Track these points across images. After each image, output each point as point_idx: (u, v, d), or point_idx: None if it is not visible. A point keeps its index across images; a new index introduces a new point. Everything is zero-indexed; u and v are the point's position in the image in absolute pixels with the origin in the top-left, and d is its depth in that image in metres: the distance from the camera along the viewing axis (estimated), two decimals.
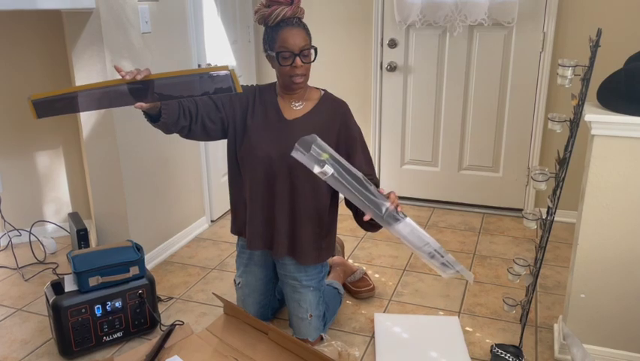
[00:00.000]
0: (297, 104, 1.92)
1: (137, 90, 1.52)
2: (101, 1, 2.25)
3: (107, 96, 1.53)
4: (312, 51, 1.83)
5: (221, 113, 1.88)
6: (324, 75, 3.33)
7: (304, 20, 1.86)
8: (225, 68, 1.46)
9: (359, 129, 1.95)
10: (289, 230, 1.93)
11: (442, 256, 1.69)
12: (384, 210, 1.63)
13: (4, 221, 2.91)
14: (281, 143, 1.85)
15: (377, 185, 1.93)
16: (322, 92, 1.96)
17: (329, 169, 1.58)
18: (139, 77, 1.48)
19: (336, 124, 1.90)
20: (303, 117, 1.90)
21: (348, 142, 1.91)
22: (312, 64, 1.86)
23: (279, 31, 1.80)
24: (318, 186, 1.89)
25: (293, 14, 1.80)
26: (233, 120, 1.90)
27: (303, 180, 1.87)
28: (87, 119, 2.44)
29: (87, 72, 2.37)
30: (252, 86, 1.99)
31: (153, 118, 1.70)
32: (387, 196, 1.66)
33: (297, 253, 1.96)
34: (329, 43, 3.40)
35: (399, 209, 1.65)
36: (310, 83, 1.95)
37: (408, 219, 1.65)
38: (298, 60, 1.80)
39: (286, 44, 1.79)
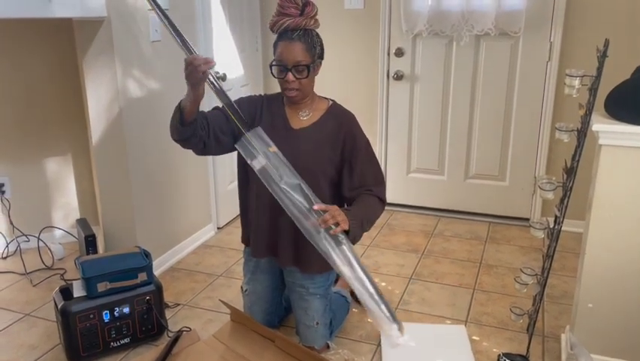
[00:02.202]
0: (304, 114, 1.93)
1: None
2: (112, 10, 2.28)
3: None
4: (307, 68, 1.80)
5: (232, 124, 1.89)
6: (331, 84, 3.34)
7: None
8: None
9: (366, 141, 1.94)
10: (293, 239, 1.93)
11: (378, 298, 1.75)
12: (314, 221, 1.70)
13: (13, 227, 2.93)
14: (286, 152, 1.86)
15: (382, 199, 1.93)
16: (330, 102, 1.97)
17: (260, 162, 1.72)
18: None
19: (342, 135, 1.90)
20: (309, 127, 1.91)
21: (353, 152, 1.91)
22: (318, 74, 1.86)
23: (279, 43, 1.81)
24: (323, 196, 1.89)
25: (296, 26, 1.78)
26: None
27: None
28: (96, 125, 2.46)
29: (98, 81, 2.39)
30: (260, 95, 2.00)
31: (183, 122, 1.71)
32: (323, 211, 1.69)
33: (302, 262, 1.96)
34: (336, 51, 3.41)
35: (334, 231, 1.68)
36: (317, 91, 1.96)
37: (343, 247, 1.71)
38: (290, 75, 1.79)
39: (281, 57, 1.80)
